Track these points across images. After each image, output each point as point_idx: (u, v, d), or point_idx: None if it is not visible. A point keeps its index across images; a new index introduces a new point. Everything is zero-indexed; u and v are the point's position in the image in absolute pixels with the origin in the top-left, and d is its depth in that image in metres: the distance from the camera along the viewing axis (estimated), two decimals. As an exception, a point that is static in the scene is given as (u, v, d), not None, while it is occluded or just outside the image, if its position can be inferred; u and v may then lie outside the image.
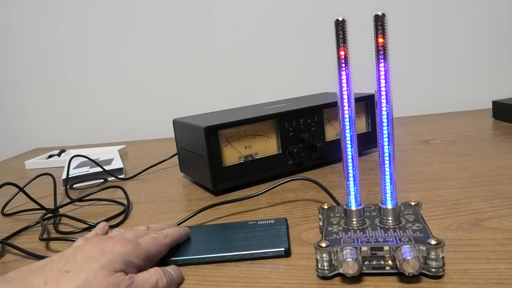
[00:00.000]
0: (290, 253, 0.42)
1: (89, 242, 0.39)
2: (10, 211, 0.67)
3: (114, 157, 0.92)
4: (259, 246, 0.43)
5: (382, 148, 0.38)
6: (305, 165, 0.70)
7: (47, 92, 1.29)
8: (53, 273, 0.34)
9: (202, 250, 0.44)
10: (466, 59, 1.10)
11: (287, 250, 0.42)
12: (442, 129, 0.90)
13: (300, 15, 1.12)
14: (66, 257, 0.36)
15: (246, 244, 0.44)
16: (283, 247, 0.42)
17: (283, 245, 0.42)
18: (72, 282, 0.33)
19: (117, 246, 0.37)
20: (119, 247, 0.37)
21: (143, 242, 0.40)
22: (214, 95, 1.20)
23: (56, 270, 0.34)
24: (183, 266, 0.42)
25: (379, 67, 0.36)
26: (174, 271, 0.40)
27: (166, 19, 1.18)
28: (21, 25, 1.24)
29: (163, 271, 0.38)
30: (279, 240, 0.44)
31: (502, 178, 0.57)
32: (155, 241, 0.41)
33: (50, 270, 0.34)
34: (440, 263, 0.35)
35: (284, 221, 0.49)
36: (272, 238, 0.44)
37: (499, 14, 1.06)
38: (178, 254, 0.44)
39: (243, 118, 0.64)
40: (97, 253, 0.36)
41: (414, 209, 0.43)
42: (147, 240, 0.41)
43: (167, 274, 0.38)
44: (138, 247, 0.39)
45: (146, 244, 0.40)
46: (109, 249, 0.37)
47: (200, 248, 0.44)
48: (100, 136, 1.27)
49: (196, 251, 0.44)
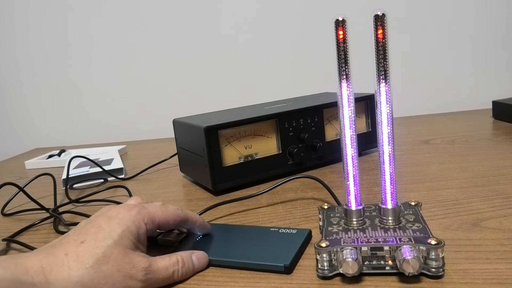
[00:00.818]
0: (292, 270, 0.39)
1: (98, 212, 0.41)
2: (10, 211, 0.67)
3: (114, 157, 0.92)
4: (260, 257, 0.40)
5: (382, 148, 0.38)
6: (305, 165, 0.70)
7: (47, 92, 1.29)
8: (70, 245, 0.36)
9: (210, 252, 0.43)
10: (466, 59, 1.10)
11: (288, 267, 0.38)
12: (442, 129, 0.90)
13: (300, 15, 1.12)
14: (79, 229, 0.38)
15: (251, 252, 0.42)
16: (283, 263, 0.39)
17: (285, 260, 0.39)
18: (91, 254, 0.35)
19: (122, 212, 0.39)
20: (124, 213, 0.39)
21: (148, 206, 0.41)
22: (214, 95, 1.20)
23: (73, 242, 0.36)
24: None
25: (379, 67, 0.36)
26: (199, 259, 0.40)
27: (166, 19, 1.18)
28: (21, 25, 1.24)
29: (184, 261, 0.39)
30: (285, 254, 0.40)
31: (502, 178, 0.57)
32: (163, 208, 0.42)
33: (67, 242, 0.36)
34: (440, 263, 0.35)
35: (305, 233, 0.44)
36: (279, 250, 0.41)
37: (499, 14, 1.06)
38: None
39: (243, 118, 0.64)
40: (104, 221, 0.38)
41: (414, 209, 0.43)
42: (154, 206, 0.42)
43: (186, 264, 0.39)
44: (143, 210, 0.40)
45: (152, 208, 0.41)
46: (114, 216, 0.38)
47: (209, 249, 0.43)
48: (100, 136, 1.27)
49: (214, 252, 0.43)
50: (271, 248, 0.42)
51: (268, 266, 0.39)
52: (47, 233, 0.56)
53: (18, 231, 0.56)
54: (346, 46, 0.37)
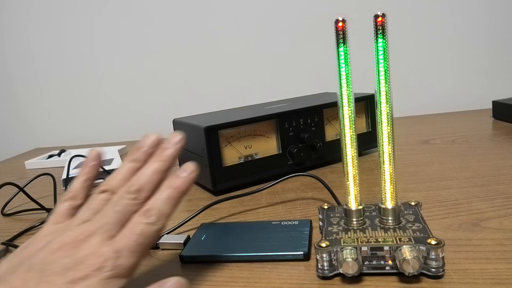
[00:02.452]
0: (309, 257, 0.41)
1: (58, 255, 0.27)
2: (10, 211, 0.67)
3: (114, 157, 0.92)
4: (278, 248, 0.42)
5: (382, 148, 0.38)
6: (305, 165, 0.70)
7: (47, 92, 1.28)
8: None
9: (223, 248, 0.43)
10: (466, 59, 1.10)
11: (306, 254, 0.41)
12: (442, 129, 0.90)
13: (300, 14, 1.12)
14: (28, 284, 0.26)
15: (266, 245, 0.43)
16: (302, 251, 0.41)
17: (303, 248, 0.41)
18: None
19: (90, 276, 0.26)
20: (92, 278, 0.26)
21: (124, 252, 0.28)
22: (214, 95, 1.20)
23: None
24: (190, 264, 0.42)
25: (379, 67, 0.36)
26: None
27: (166, 19, 1.18)
28: (21, 25, 1.24)
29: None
30: (300, 243, 0.42)
31: (502, 178, 0.57)
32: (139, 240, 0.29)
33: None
34: (440, 263, 0.35)
35: (308, 223, 0.47)
36: (293, 241, 0.43)
37: (499, 14, 1.06)
38: (198, 251, 0.44)
39: (243, 118, 0.64)
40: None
41: (414, 209, 0.43)
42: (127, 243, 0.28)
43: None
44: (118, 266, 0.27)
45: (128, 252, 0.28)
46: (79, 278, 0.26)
47: (221, 246, 0.44)
48: (100, 136, 1.27)
49: (217, 248, 0.44)
50: (284, 239, 0.44)
51: (288, 256, 0.41)
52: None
53: (18, 234, 0.56)
54: (346, 46, 0.37)
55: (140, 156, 0.34)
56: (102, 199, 0.32)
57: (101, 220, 0.29)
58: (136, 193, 0.31)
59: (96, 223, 0.29)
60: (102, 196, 0.32)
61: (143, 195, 0.31)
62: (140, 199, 0.31)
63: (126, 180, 0.33)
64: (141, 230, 0.29)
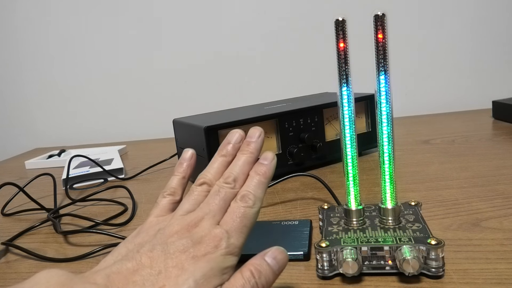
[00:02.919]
0: (309, 257, 0.41)
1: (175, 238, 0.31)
2: (10, 211, 0.67)
3: (114, 157, 0.92)
4: None
5: (382, 148, 0.38)
6: (305, 165, 0.70)
7: (47, 92, 1.29)
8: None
9: None
10: (466, 59, 1.10)
11: (306, 254, 0.41)
12: (442, 129, 0.90)
13: (300, 14, 1.12)
14: (156, 261, 0.29)
15: (266, 245, 0.43)
16: (302, 251, 0.41)
17: (303, 248, 0.41)
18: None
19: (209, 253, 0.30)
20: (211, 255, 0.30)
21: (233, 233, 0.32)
22: (214, 95, 1.20)
23: (150, 285, 0.28)
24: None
25: (379, 67, 0.36)
26: (275, 258, 0.32)
27: (167, 19, 1.18)
28: (21, 25, 1.24)
29: (258, 270, 0.31)
30: (300, 243, 0.42)
31: (502, 178, 0.57)
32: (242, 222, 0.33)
33: (143, 284, 0.28)
34: (440, 263, 0.35)
35: (308, 223, 0.47)
36: (293, 241, 0.43)
37: (499, 14, 1.06)
38: None
39: (243, 118, 0.64)
40: (190, 264, 0.29)
41: (414, 209, 0.43)
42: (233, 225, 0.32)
43: (263, 272, 0.31)
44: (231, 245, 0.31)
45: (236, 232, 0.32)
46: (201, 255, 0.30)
47: None
48: (100, 136, 1.27)
49: None
50: (284, 239, 0.44)
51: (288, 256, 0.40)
52: (47, 234, 0.56)
53: (17, 234, 0.56)
54: (346, 46, 0.37)
55: (229, 151, 0.38)
56: (202, 191, 0.36)
57: (206, 207, 0.33)
58: (233, 182, 0.35)
59: (202, 211, 0.33)
60: (202, 188, 0.36)
61: (239, 184, 0.35)
62: (237, 188, 0.35)
63: (219, 172, 0.37)
64: (243, 212, 0.33)
